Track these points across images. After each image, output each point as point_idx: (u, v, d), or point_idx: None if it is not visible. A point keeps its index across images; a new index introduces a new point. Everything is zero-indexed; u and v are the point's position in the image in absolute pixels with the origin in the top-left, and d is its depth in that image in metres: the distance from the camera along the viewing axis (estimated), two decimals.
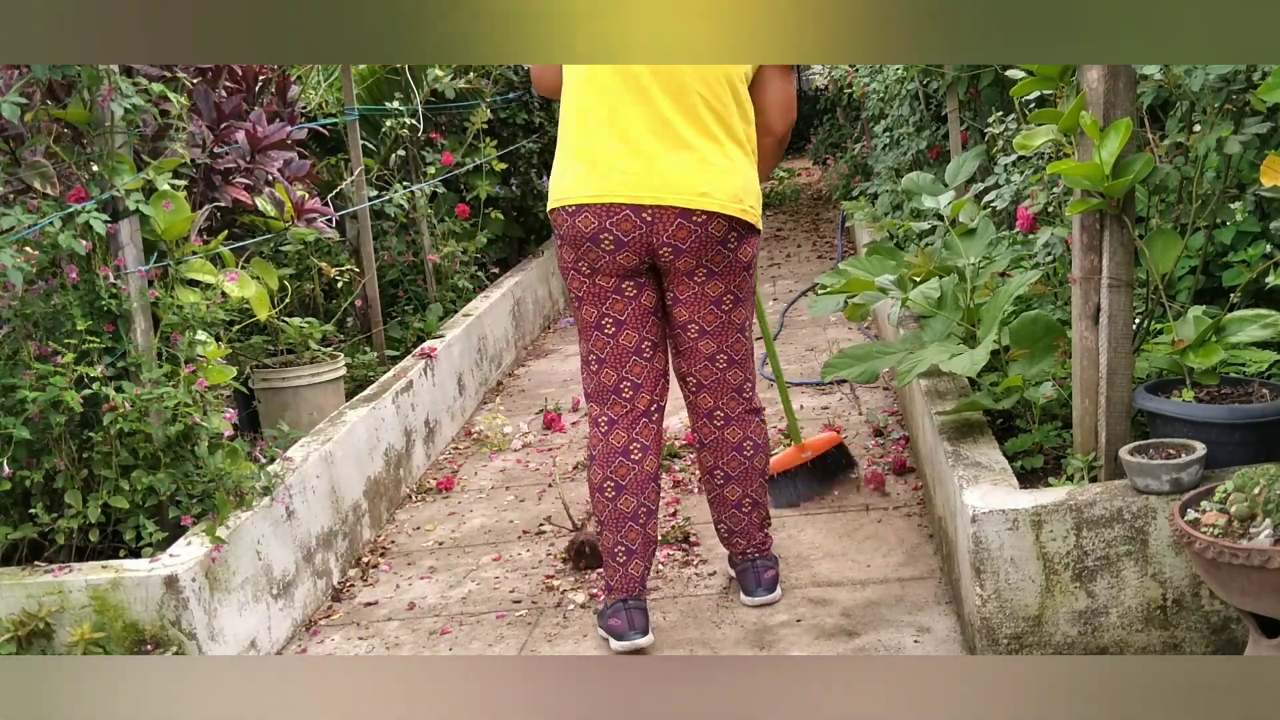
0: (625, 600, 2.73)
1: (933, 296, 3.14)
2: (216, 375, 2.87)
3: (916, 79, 5.54)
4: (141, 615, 2.58)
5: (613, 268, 2.65)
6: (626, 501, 2.72)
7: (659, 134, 2.58)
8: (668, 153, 2.58)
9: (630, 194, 2.58)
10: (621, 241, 2.60)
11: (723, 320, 2.74)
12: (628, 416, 2.75)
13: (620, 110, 2.59)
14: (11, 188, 2.76)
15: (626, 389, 2.74)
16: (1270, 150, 2.69)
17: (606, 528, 2.75)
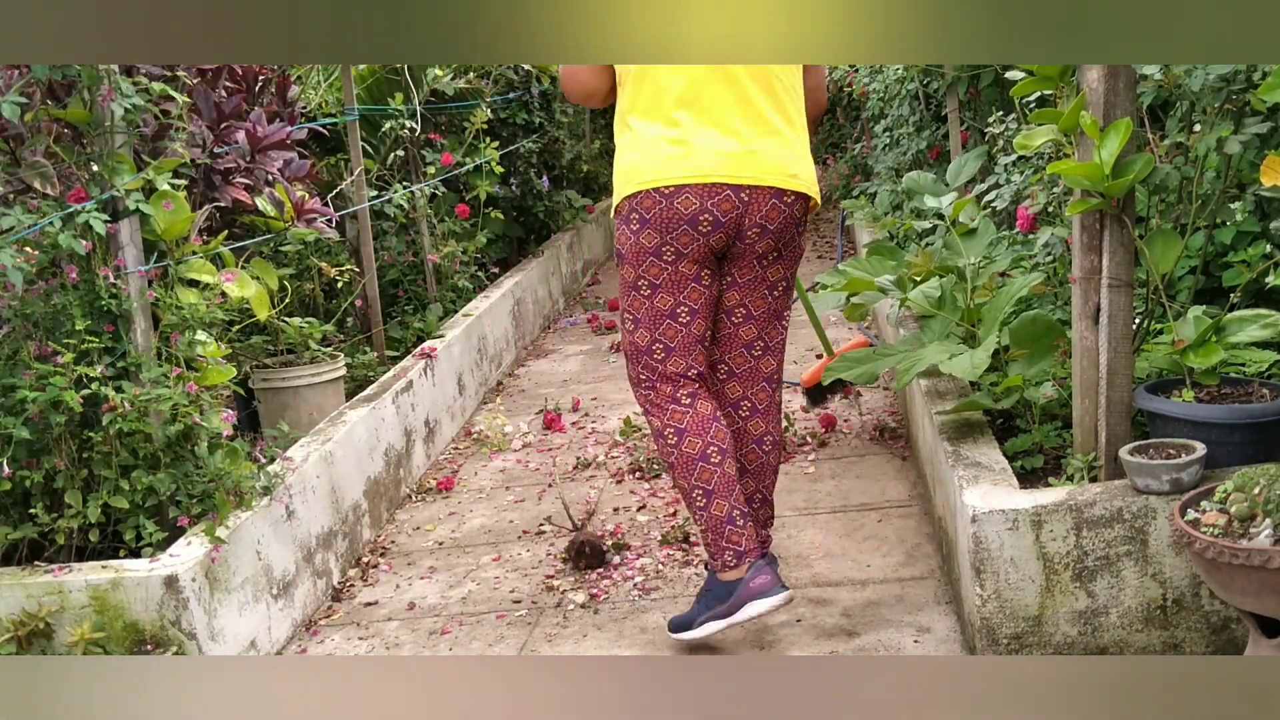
0: (762, 558, 2.67)
1: (933, 296, 3.14)
2: (216, 375, 2.87)
3: (916, 79, 5.54)
4: (141, 615, 2.58)
5: (700, 252, 2.64)
6: (730, 465, 2.69)
7: (747, 117, 2.62)
8: (759, 135, 2.62)
9: (730, 174, 2.59)
10: (719, 222, 2.60)
11: (770, 306, 2.78)
12: (705, 389, 2.76)
13: (706, 93, 2.60)
14: (11, 188, 2.76)
15: (693, 373, 2.75)
16: (1270, 150, 2.69)
17: (719, 495, 2.65)
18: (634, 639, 2.82)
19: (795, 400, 4.50)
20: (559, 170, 7.15)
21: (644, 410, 2.78)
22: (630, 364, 2.77)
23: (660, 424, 2.72)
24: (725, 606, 2.62)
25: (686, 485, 2.68)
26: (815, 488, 3.61)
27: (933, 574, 2.97)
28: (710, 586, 2.67)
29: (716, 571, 2.66)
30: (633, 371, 2.78)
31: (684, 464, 2.68)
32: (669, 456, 2.71)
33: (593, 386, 5.10)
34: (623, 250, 2.69)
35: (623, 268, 2.71)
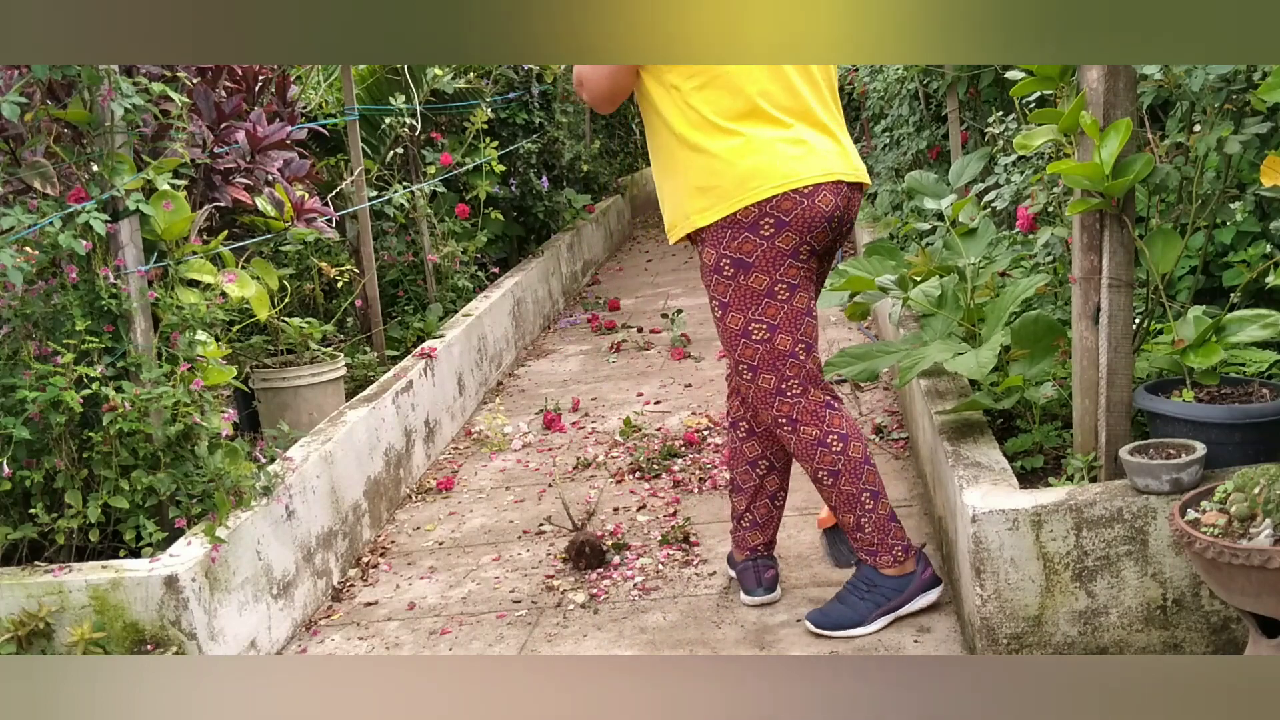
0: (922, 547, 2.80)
1: (933, 295, 3.14)
2: (216, 375, 2.87)
3: (916, 79, 5.55)
4: (141, 615, 2.58)
5: (823, 248, 2.66)
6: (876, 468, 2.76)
7: (830, 114, 2.66)
8: (841, 133, 2.68)
9: (843, 171, 2.62)
10: (844, 219, 2.64)
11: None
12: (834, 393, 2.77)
13: (799, 94, 2.59)
14: (11, 188, 2.76)
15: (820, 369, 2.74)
16: (1270, 150, 2.70)
17: (882, 495, 2.71)
18: (634, 639, 2.82)
19: None
20: (559, 170, 7.15)
21: (790, 423, 2.66)
22: (768, 374, 2.63)
23: (820, 432, 2.66)
24: (900, 599, 2.71)
25: (854, 490, 2.68)
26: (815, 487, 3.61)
27: None
28: (876, 582, 2.72)
29: (880, 568, 2.72)
30: (773, 382, 2.64)
31: (852, 470, 2.68)
32: (834, 465, 2.67)
33: (593, 386, 5.10)
34: (749, 259, 2.56)
35: (749, 276, 2.57)
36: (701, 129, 2.56)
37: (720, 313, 2.65)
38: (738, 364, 2.67)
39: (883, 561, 2.72)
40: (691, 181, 2.58)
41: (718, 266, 2.60)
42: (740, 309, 2.61)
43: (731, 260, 2.58)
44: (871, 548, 2.72)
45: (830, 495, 2.72)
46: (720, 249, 2.58)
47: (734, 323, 2.63)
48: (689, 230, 2.63)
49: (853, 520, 2.72)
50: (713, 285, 2.64)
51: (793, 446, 2.70)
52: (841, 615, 2.72)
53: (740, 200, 2.54)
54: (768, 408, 2.67)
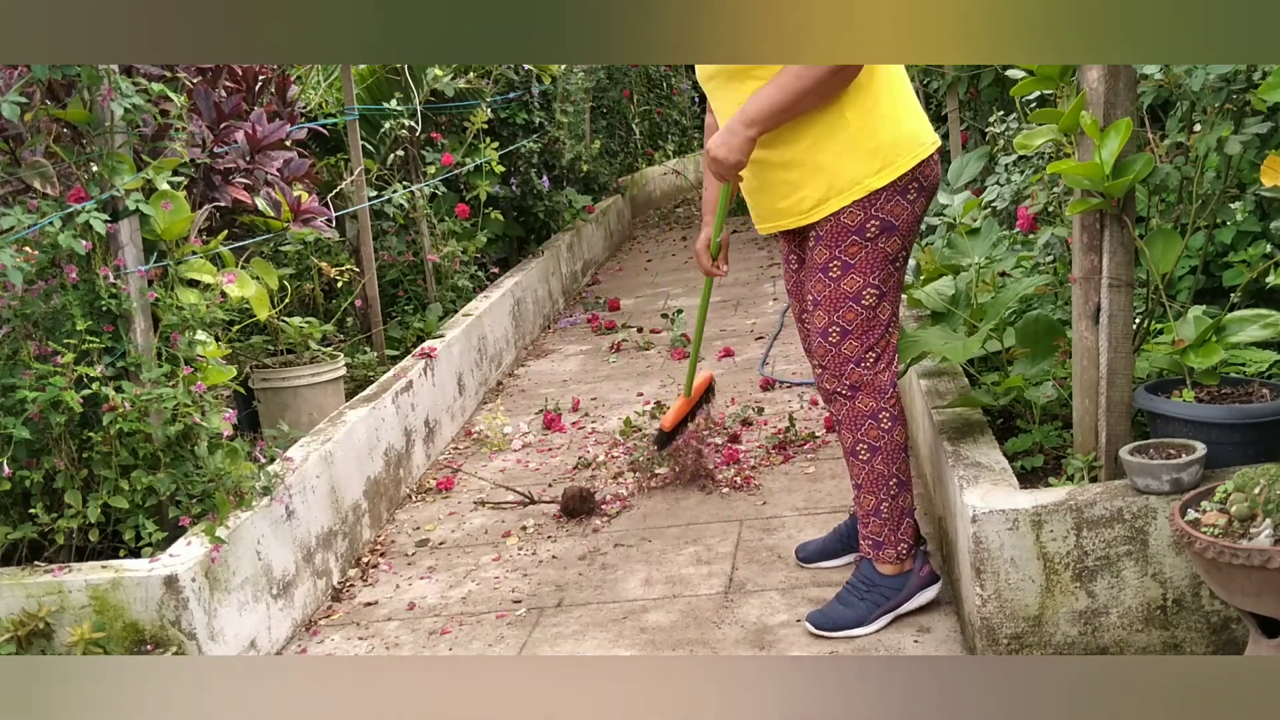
0: (921, 544, 2.80)
1: (946, 294, 3.13)
2: (216, 375, 2.87)
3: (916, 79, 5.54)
4: (141, 615, 2.58)
5: None
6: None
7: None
8: None
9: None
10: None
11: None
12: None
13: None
14: (11, 188, 2.76)
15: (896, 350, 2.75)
16: (1270, 150, 2.70)
17: (908, 488, 2.73)
18: (634, 639, 2.82)
19: (795, 400, 4.51)
20: (559, 170, 7.15)
21: (853, 390, 2.66)
22: (856, 340, 2.62)
23: (876, 405, 2.66)
24: (900, 597, 2.72)
25: (886, 472, 2.69)
26: (815, 487, 3.61)
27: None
28: (875, 581, 2.73)
29: (879, 563, 2.72)
30: (857, 349, 2.63)
31: (893, 450, 2.68)
32: (877, 441, 2.67)
33: (593, 386, 5.10)
34: (896, 222, 2.57)
35: (889, 240, 2.58)
36: (865, 90, 2.54)
37: (839, 273, 2.60)
38: (829, 327, 2.63)
39: (884, 556, 2.71)
40: (862, 145, 2.54)
41: (861, 229, 2.57)
42: (864, 272, 2.60)
43: (880, 223, 2.57)
44: (879, 538, 2.71)
45: (861, 471, 2.70)
46: (871, 210, 2.56)
47: (851, 285, 2.60)
48: (862, 195, 2.56)
49: (873, 503, 2.70)
50: (844, 247, 2.59)
51: (844, 414, 2.68)
52: (842, 615, 2.72)
53: (907, 163, 2.56)
54: (837, 370, 2.65)
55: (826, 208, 2.58)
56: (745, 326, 5.91)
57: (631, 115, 10.01)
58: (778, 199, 2.65)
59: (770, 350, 5.35)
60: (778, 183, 2.63)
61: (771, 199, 2.67)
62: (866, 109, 2.54)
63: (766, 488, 3.66)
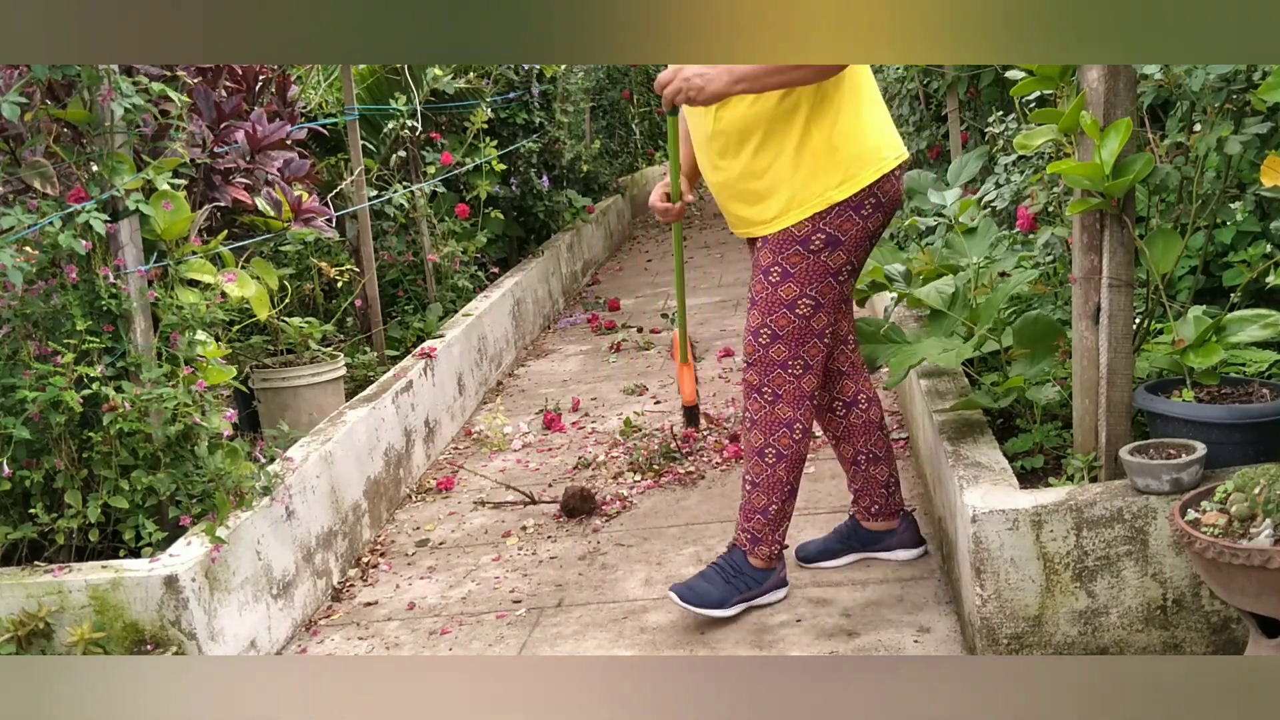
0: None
1: (946, 293, 3.12)
2: (216, 375, 2.87)
3: (916, 79, 5.54)
4: (141, 615, 2.58)
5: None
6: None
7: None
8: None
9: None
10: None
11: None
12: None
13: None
14: (11, 188, 2.76)
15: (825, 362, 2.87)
16: (1270, 150, 2.69)
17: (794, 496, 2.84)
18: (634, 639, 2.82)
19: None
20: (559, 170, 7.15)
21: (775, 396, 2.73)
22: (785, 346, 2.69)
23: (793, 415, 2.74)
24: (759, 590, 2.85)
25: (786, 479, 2.79)
26: (815, 487, 3.61)
27: (933, 574, 2.97)
28: (743, 569, 2.84)
29: (751, 556, 2.84)
30: (785, 355, 2.70)
31: (795, 461, 2.79)
32: (787, 449, 2.76)
33: (592, 386, 5.10)
34: (842, 237, 2.63)
35: (832, 254, 2.64)
36: (829, 103, 2.60)
37: (778, 279, 2.67)
38: (760, 328, 2.71)
39: (759, 552, 2.84)
40: (823, 159, 2.60)
41: (807, 240, 2.64)
42: (802, 282, 2.66)
43: (826, 236, 2.64)
44: (759, 535, 2.82)
45: (763, 473, 2.79)
46: (819, 223, 2.63)
47: (787, 293, 2.67)
48: (823, 207, 2.61)
49: (764, 503, 2.81)
50: (787, 257, 2.65)
51: (760, 415, 2.76)
52: (706, 593, 2.81)
53: (869, 176, 2.62)
54: (762, 373, 2.73)
55: (788, 219, 2.65)
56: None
57: (631, 115, 10.01)
58: (744, 207, 2.72)
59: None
60: (745, 192, 2.70)
61: (739, 206, 2.73)
62: (830, 122, 2.60)
63: None
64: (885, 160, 2.66)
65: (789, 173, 2.62)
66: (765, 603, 2.87)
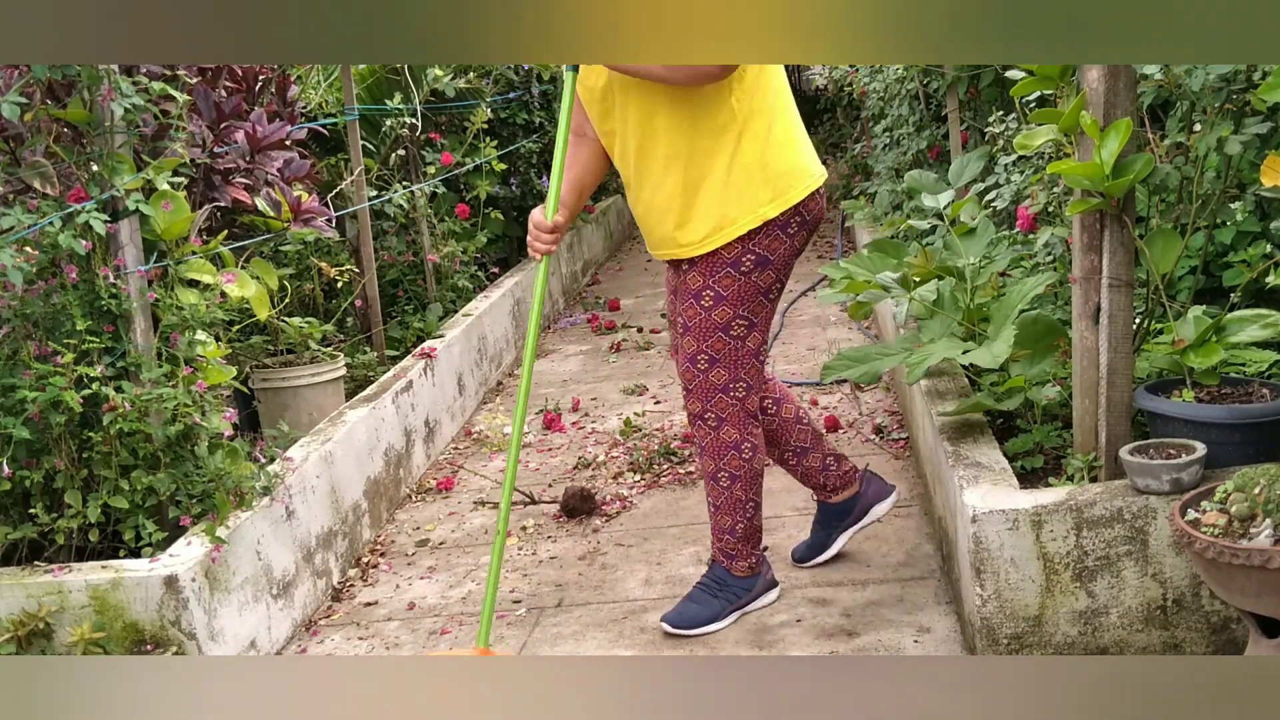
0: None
1: (928, 299, 3.14)
2: (216, 375, 2.87)
3: (916, 79, 5.54)
4: (141, 615, 2.58)
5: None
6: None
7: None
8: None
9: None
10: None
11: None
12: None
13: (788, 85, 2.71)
14: (11, 188, 2.75)
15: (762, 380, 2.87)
16: (1270, 150, 2.69)
17: (761, 507, 2.84)
18: (634, 639, 2.82)
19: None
20: None
21: (718, 420, 2.71)
22: (724, 370, 2.67)
23: (739, 436, 2.73)
24: (749, 597, 2.85)
25: (744, 497, 2.78)
26: None
27: (933, 574, 2.97)
28: (728, 582, 2.83)
29: (733, 570, 2.83)
30: (724, 379, 2.68)
31: (751, 478, 2.78)
32: (738, 470, 2.75)
33: (592, 386, 5.10)
34: (771, 257, 2.62)
35: (762, 274, 2.63)
36: (762, 115, 2.57)
37: (711, 303, 2.64)
38: (698, 354, 2.68)
39: (738, 567, 2.84)
40: (755, 175, 2.58)
41: (737, 262, 2.61)
42: (734, 304, 2.64)
43: (756, 257, 2.62)
44: (733, 552, 2.82)
45: (720, 496, 2.78)
46: (748, 244, 2.60)
47: (721, 316, 2.65)
48: (754, 225, 2.59)
49: (729, 523, 2.80)
50: (719, 280, 2.62)
51: (707, 442, 2.75)
52: (697, 614, 2.80)
53: (798, 194, 2.62)
54: (704, 399, 2.71)
55: (718, 239, 2.60)
56: None
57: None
58: (672, 229, 2.64)
59: (770, 350, 5.34)
60: (669, 212, 2.63)
61: (666, 229, 2.66)
62: (763, 138, 2.57)
63: (767, 487, 3.65)
64: (813, 178, 2.66)
65: (720, 190, 2.57)
66: (760, 606, 2.87)
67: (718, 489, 2.78)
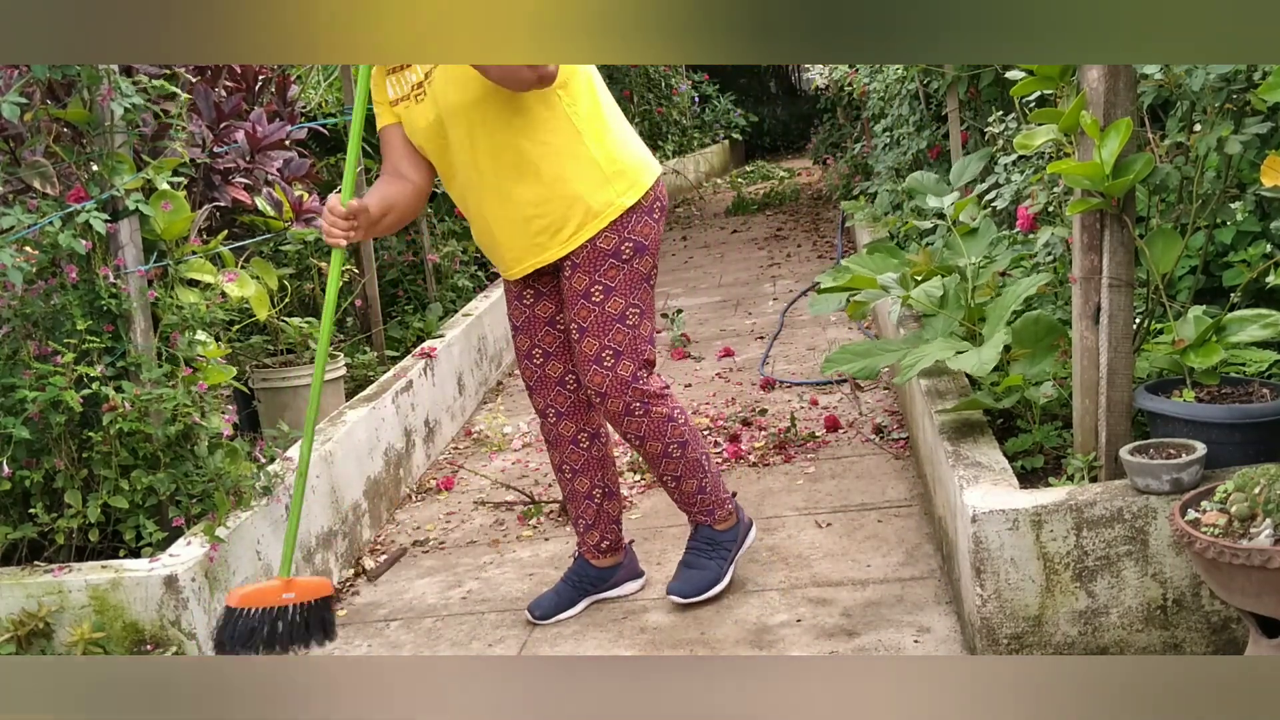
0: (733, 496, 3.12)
1: (935, 295, 3.14)
2: (216, 375, 2.87)
3: (916, 79, 5.55)
4: (141, 615, 2.58)
5: None
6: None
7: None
8: None
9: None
10: None
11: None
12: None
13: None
14: (11, 188, 2.76)
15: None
16: (1270, 150, 2.70)
17: (710, 456, 2.94)
18: (634, 639, 2.82)
19: (795, 400, 4.51)
20: None
21: (643, 405, 2.75)
22: (629, 360, 2.72)
23: (668, 410, 2.80)
24: (737, 546, 2.99)
25: (697, 455, 2.88)
26: (815, 488, 3.61)
27: (933, 574, 2.97)
28: (716, 539, 2.96)
29: (715, 525, 2.95)
30: (630, 368, 2.72)
31: (694, 438, 2.87)
32: (682, 435, 2.83)
33: None
34: (646, 242, 2.73)
35: (642, 260, 2.72)
36: (596, 117, 2.68)
37: (601, 298, 2.70)
38: (602, 351, 2.70)
39: (718, 517, 2.94)
40: (606, 169, 2.67)
41: (617, 251, 2.69)
42: (624, 293, 2.72)
43: (633, 244, 2.71)
44: (710, 506, 2.93)
45: (678, 466, 2.85)
46: (624, 233, 2.70)
47: (614, 308, 2.71)
48: (616, 215, 2.67)
49: (695, 485, 2.89)
50: (603, 271, 2.69)
51: (645, 428, 2.78)
52: (701, 579, 2.92)
53: (640, 185, 2.72)
54: (621, 394, 2.73)
55: (585, 233, 2.67)
56: (745, 326, 5.91)
57: (631, 115, 10.00)
58: (535, 234, 2.69)
59: (770, 350, 5.35)
60: (533, 219, 2.67)
61: (529, 236, 2.69)
62: (601, 136, 2.68)
63: (766, 488, 3.66)
64: (656, 167, 2.79)
65: (577, 189, 2.64)
66: (748, 546, 3.02)
67: (672, 462, 2.84)
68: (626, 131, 2.77)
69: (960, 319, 3.09)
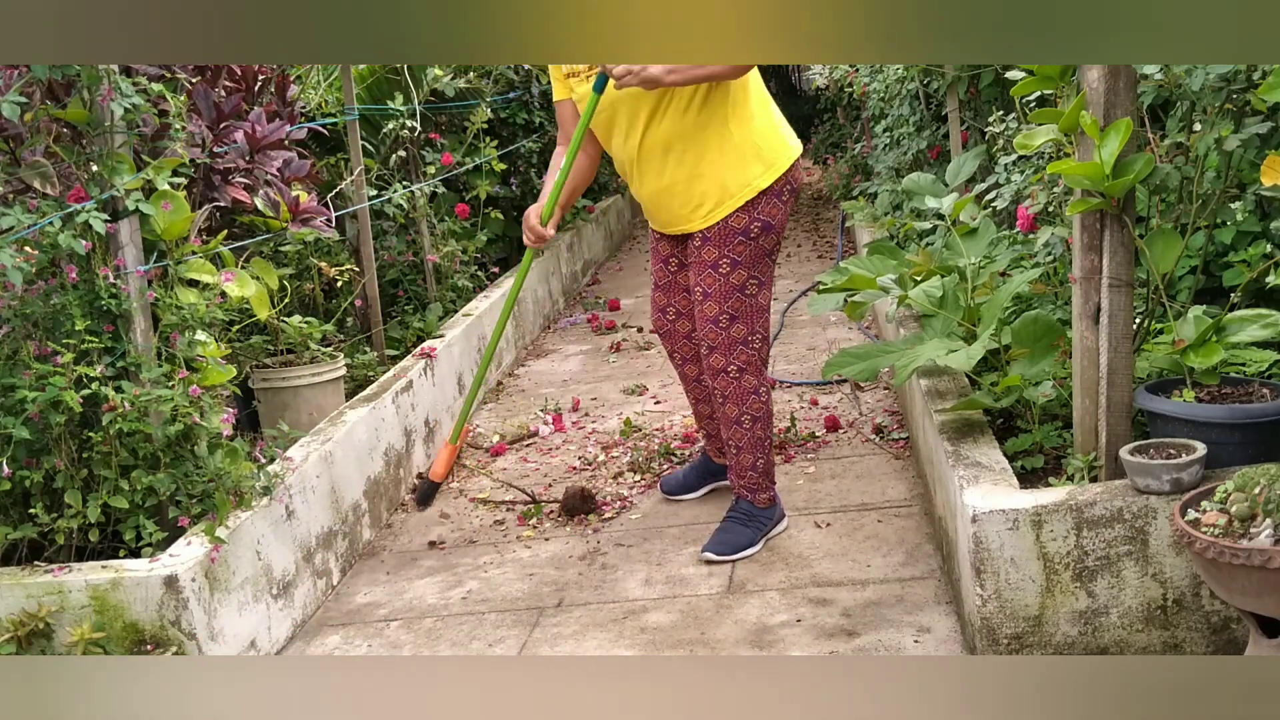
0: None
1: (935, 295, 3.15)
2: (215, 375, 2.87)
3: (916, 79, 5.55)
4: (141, 615, 2.58)
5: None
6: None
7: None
8: None
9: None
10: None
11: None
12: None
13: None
14: (11, 188, 2.75)
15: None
16: (1270, 150, 2.70)
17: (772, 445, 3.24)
18: (634, 639, 2.82)
19: (795, 400, 4.51)
20: None
21: (740, 370, 3.10)
22: (743, 324, 3.08)
23: (757, 382, 3.14)
24: (771, 524, 3.26)
25: (764, 435, 3.18)
26: (816, 487, 3.61)
27: (933, 574, 2.97)
28: (754, 514, 3.23)
29: (756, 503, 3.23)
30: (743, 332, 3.08)
31: (768, 417, 3.19)
32: (759, 411, 3.16)
33: (593, 386, 5.10)
34: (773, 222, 3.05)
35: (768, 238, 3.06)
36: (746, 104, 3.01)
37: (728, 269, 3.05)
38: (720, 314, 3.07)
39: (760, 499, 3.24)
40: (747, 154, 3.01)
41: (746, 229, 3.04)
42: (748, 266, 3.07)
43: (761, 224, 3.04)
44: (755, 486, 3.23)
45: (744, 437, 3.17)
46: (754, 213, 3.03)
47: (738, 279, 3.07)
48: (753, 195, 3.01)
49: (751, 460, 3.20)
50: (731, 247, 3.04)
51: (730, 390, 3.12)
52: (735, 541, 3.18)
53: (784, 164, 3.05)
54: (726, 352, 3.10)
55: (721, 211, 3.04)
56: None
57: None
58: (681, 206, 3.08)
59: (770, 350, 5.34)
60: (679, 195, 3.07)
61: (677, 208, 3.09)
62: (747, 122, 3.02)
63: None
64: (793, 149, 3.11)
65: (717, 170, 3.00)
66: (778, 532, 3.26)
67: (741, 431, 3.16)
68: (771, 116, 3.07)
69: (959, 319, 3.09)
